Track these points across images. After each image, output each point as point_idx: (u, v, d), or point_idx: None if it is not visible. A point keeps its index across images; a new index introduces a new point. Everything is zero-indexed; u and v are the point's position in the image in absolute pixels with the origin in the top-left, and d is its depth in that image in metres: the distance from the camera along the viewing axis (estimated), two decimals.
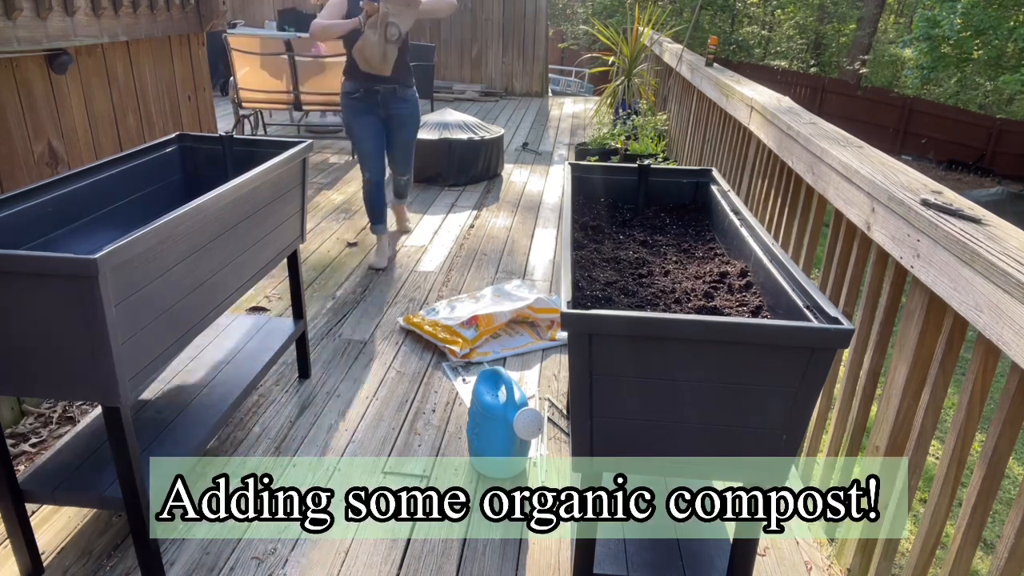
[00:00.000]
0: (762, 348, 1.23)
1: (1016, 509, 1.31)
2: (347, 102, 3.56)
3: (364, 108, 3.53)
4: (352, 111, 3.55)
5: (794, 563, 1.94)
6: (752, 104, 3.16)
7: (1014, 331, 1.23)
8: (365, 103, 3.53)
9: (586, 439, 1.36)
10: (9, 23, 2.25)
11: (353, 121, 3.56)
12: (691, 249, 1.89)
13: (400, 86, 3.58)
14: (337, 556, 1.89)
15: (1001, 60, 12.84)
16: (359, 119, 3.55)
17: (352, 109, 3.55)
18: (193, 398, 2.12)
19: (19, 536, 1.71)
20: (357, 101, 3.52)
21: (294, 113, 7.11)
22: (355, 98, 3.52)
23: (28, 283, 1.37)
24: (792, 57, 19.23)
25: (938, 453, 3.12)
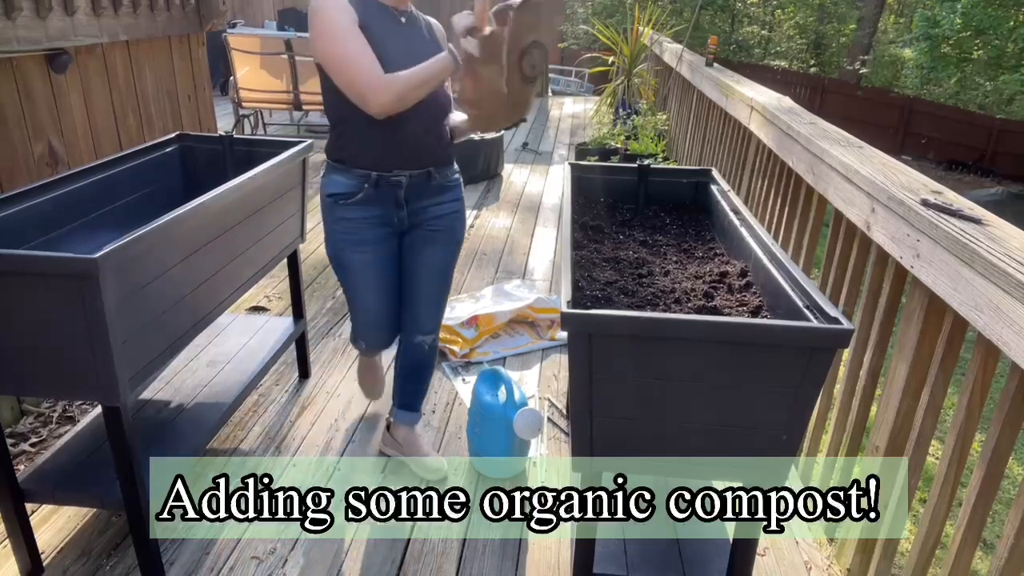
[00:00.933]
0: (762, 348, 1.23)
1: (1016, 509, 1.31)
2: (339, 216, 1.86)
3: (374, 224, 1.87)
4: (348, 236, 1.87)
5: (794, 563, 1.94)
6: (752, 104, 3.16)
7: (1014, 331, 1.23)
8: (376, 213, 1.85)
9: (586, 439, 1.36)
10: (9, 23, 2.25)
11: (351, 255, 1.89)
12: (691, 249, 1.89)
13: (445, 166, 1.93)
14: (337, 556, 1.89)
15: (1001, 60, 12.84)
16: (362, 252, 1.88)
17: (350, 231, 1.86)
18: (193, 398, 2.12)
19: (19, 536, 1.71)
20: (359, 211, 1.84)
21: (294, 113, 7.11)
22: (355, 205, 1.83)
23: (28, 283, 1.37)
24: (792, 57, 19.23)
25: (938, 453, 3.12)
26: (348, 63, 1.66)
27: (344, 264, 1.93)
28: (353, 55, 1.65)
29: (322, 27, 1.66)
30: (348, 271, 1.94)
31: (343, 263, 1.93)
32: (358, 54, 1.65)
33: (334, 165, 1.86)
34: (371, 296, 1.98)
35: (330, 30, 1.66)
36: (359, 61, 1.65)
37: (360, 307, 2.01)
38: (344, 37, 1.66)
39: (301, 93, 5.89)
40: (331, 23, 1.66)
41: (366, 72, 1.65)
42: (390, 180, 1.84)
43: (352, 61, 1.65)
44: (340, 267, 1.95)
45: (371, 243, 1.89)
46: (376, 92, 1.64)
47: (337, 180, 1.85)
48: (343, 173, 1.84)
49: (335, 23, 1.66)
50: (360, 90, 1.65)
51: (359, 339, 2.15)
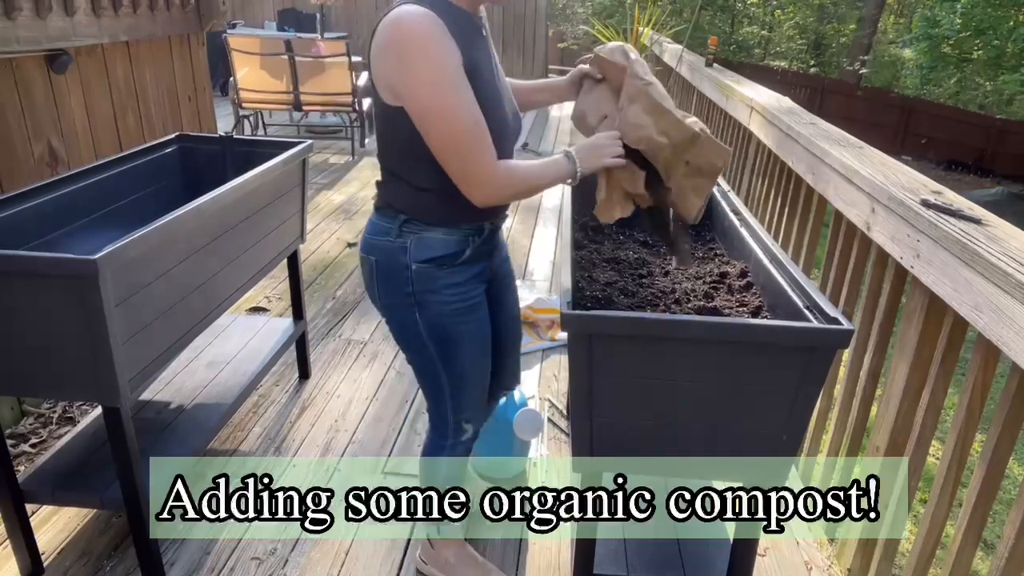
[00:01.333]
0: (762, 348, 1.23)
1: (1016, 509, 1.31)
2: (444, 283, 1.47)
3: (479, 283, 1.55)
4: (459, 303, 1.49)
5: (794, 563, 1.94)
6: (752, 104, 3.16)
7: (1014, 332, 1.23)
8: (479, 271, 1.53)
9: (586, 439, 1.36)
10: (9, 23, 2.25)
11: (461, 327, 1.52)
12: (691, 249, 1.89)
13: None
14: (337, 556, 1.89)
15: (1001, 60, 12.83)
16: (470, 320, 1.53)
17: (459, 298, 1.49)
18: (193, 398, 2.12)
19: (19, 536, 1.71)
20: (465, 272, 1.49)
21: (294, 113, 7.11)
22: (460, 266, 1.48)
23: (28, 283, 1.37)
24: (792, 57, 19.22)
25: (938, 453, 3.12)
26: (466, 140, 1.27)
27: (453, 338, 1.51)
28: (472, 130, 1.27)
29: (427, 72, 1.24)
30: (458, 345, 1.52)
31: (451, 338, 1.50)
32: (476, 126, 1.27)
33: (428, 224, 1.43)
34: (483, 367, 1.61)
35: (439, 79, 1.24)
36: (478, 140, 1.28)
37: (472, 383, 1.59)
38: (458, 98, 1.25)
39: (301, 94, 5.89)
40: (438, 68, 1.24)
41: (488, 160, 1.29)
42: (495, 227, 1.55)
43: (471, 139, 1.27)
44: (446, 343, 1.51)
45: (480, 306, 1.54)
46: (491, 186, 1.31)
47: (437, 241, 1.43)
48: (447, 232, 1.44)
49: (443, 68, 1.24)
50: (474, 179, 1.30)
51: (470, 421, 1.64)
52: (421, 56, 1.23)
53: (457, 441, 1.65)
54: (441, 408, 1.61)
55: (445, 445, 1.66)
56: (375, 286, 1.50)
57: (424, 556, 1.85)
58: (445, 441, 1.65)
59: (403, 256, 1.43)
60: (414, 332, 1.50)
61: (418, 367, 1.58)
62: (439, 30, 1.23)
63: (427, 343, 1.51)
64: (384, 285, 1.48)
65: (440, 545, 1.82)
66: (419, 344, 1.52)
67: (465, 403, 1.61)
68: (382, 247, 1.45)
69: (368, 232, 1.49)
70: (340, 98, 5.95)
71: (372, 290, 1.52)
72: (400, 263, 1.44)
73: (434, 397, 1.61)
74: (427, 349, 1.52)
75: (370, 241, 1.48)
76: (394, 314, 1.51)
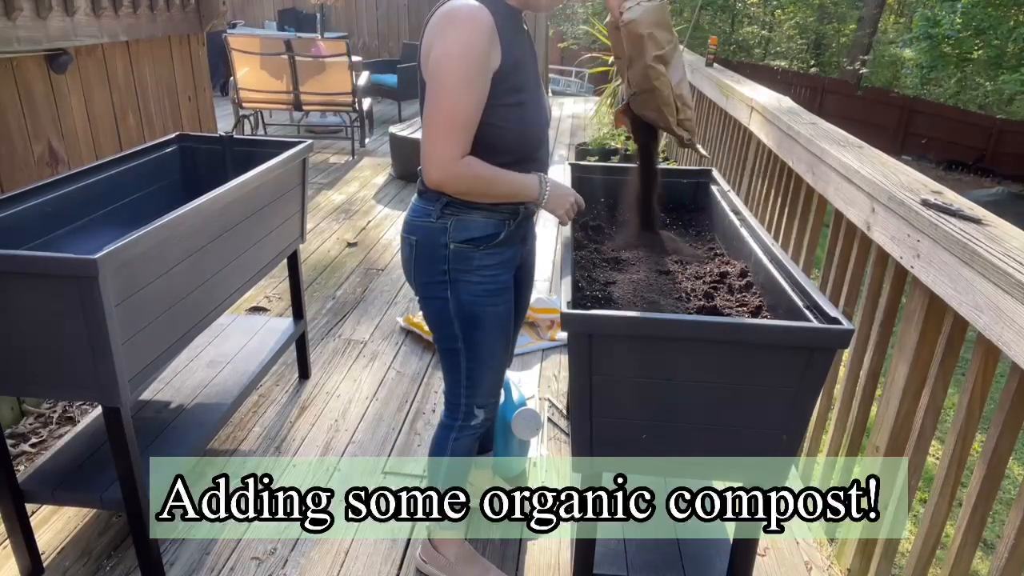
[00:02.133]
0: (762, 348, 1.23)
1: (1016, 509, 1.31)
2: (478, 264, 1.52)
3: (509, 268, 1.59)
4: (489, 286, 1.55)
5: (794, 563, 1.94)
6: (752, 104, 3.16)
7: (1014, 331, 1.23)
8: (511, 255, 1.59)
9: (586, 439, 1.36)
10: (9, 23, 2.25)
11: (488, 309, 1.56)
12: (691, 249, 1.89)
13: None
14: (337, 556, 1.89)
15: (1001, 60, 12.84)
16: (497, 304, 1.57)
17: (490, 280, 1.55)
18: (193, 398, 2.12)
19: (19, 536, 1.71)
20: (498, 255, 1.55)
21: (294, 113, 7.11)
22: (495, 248, 1.54)
23: (28, 283, 1.37)
24: (792, 57, 19.23)
25: (938, 453, 3.12)
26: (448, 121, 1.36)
27: (479, 319, 1.56)
28: (457, 117, 1.36)
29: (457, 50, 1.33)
30: (483, 327, 1.57)
31: (477, 318, 1.55)
32: (463, 118, 1.36)
33: (468, 205, 1.48)
34: (502, 353, 1.65)
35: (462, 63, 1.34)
36: (457, 128, 1.36)
37: (491, 367, 1.63)
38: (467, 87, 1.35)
39: (301, 93, 5.89)
40: (468, 55, 1.33)
41: (454, 148, 1.37)
42: (529, 212, 1.62)
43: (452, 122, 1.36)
44: (472, 324, 1.56)
45: (508, 291, 1.59)
46: (444, 170, 1.39)
47: (475, 223, 1.50)
48: (487, 213, 1.50)
49: (471, 58, 1.34)
50: (434, 157, 1.38)
51: (486, 407, 1.68)
52: (462, 37, 1.33)
53: (466, 425, 1.69)
54: (456, 389, 1.66)
55: (453, 427, 1.70)
56: (412, 265, 1.57)
57: (424, 555, 1.85)
58: (455, 423, 1.70)
59: (443, 236, 1.51)
60: (443, 309, 1.57)
61: (441, 346, 1.64)
62: (487, 27, 1.35)
63: (454, 321, 1.57)
64: (422, 264, 1.55)
65: (440, 545, 1.82)
66: (446, 321, 1.58)
67: (480, 387, 1.66)
68: (423, 227, 1.52)
69: (410, 214, 1.57)
70: (340, 98, 5.95)
71: (409, 269, 1.59)
72: (439, 243, 1.51)
73: (452, 377, 1.66)
74: (452, 327, 1.58)
75: (412, 222, 1.56)
76: (427, 291, 1.57)
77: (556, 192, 1.54)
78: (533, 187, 1.50)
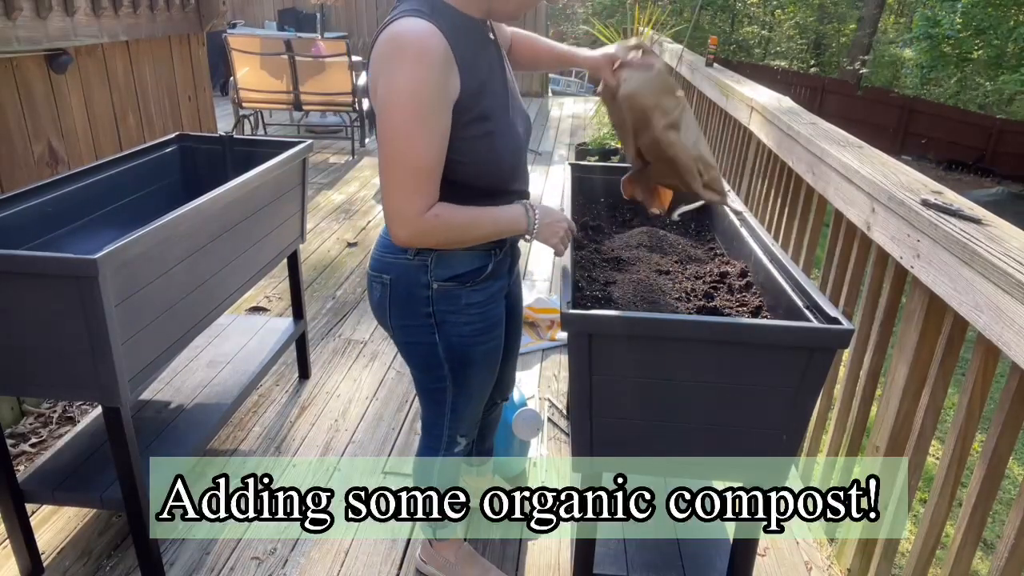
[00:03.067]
0: (762, 348, 1.23)
1: (1016, 509, 1.31)
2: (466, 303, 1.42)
3: (497, 301, 1.50)
4: (479, 323, 1.45)
5: (794, 563, 1.94)
6: (752, 104, 3.16)
7: (1014, 331, 1.23)
8: (498, 288, 1.49)
9: (586, 439, 1.36)
10: (9, 23, 2.25)
11: (478, 348, 1.47)
12: (691, 249, 1.89)
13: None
14: (337, 556, 1.89)
15: (1001, 60, 12.84)
16: (488, 340, 1.49)
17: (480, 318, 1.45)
18: (193, 398, 2.12)
19: (19, 536, 1.71)
20: (485, 290, 1.45)
21: (294, 113, 7.11)
22: (482, 284, 1.43)
23: (28, 283, 1.37)
24: (792, 57, 19.23)
25: (938, 453, 3.12)
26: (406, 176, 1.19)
27: (470, 359, 1.45)
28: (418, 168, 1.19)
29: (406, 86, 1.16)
30: (474, 366, 1.47)
31: (469, 359, 1.45)
32: (424, 166, 1.19)
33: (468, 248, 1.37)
34: (489, 385, 1.57)
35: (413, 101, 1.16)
36: (418, 181, 1.20)
37: (476, 402, 1.56)
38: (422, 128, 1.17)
39: (301, 93, 5.89)
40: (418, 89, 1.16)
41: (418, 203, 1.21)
42: (514, 240, 1.49)
43: (412, 176, 1.20)
44: (462, 364, 1.45)
45: (499, 324, 1.48)
46: (411, 228, 1.23)
47: (459, 258, 1.37)
48: (469, 248, 1.37)
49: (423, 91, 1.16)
50: (398, 216, 1.22)
51: (465, 436, 1.61)
52: (410, 71, 1.15)
53: (450, 453, 1.62)
54: (439, 422, 1.57)
55: (437, 456, 1.63)
56: (388, 306, 1.41)
57: (424, 556, 1.85)
58: (437, 453, 1.63)
59: (423, 275, 1.36)
60: (430, 353, 1.44)
61: (424, 385, 1.53)
62: (440, 56, 1.16)
63: (443, 364, 1.45)
64: (400, 306, 1.40)
65: (440, 545, 1.82)
66: (434, 365, 1.45)
67: (464, 419, 1.58)
68: (398, 265, 1.37)
69: (380, 249, 1.41)
70: (340, 98, 5.95)
71: (383, 311, 1.43)
72: (420, 282, 1.37)
73: (433, 411, 1.57)
74: (441, 370, 1.46)
75: (383, 259, 1.39)
76: (408, 335, 1.43)
77: (546, 220, 1.37)
78: (519, 219, 1.34)
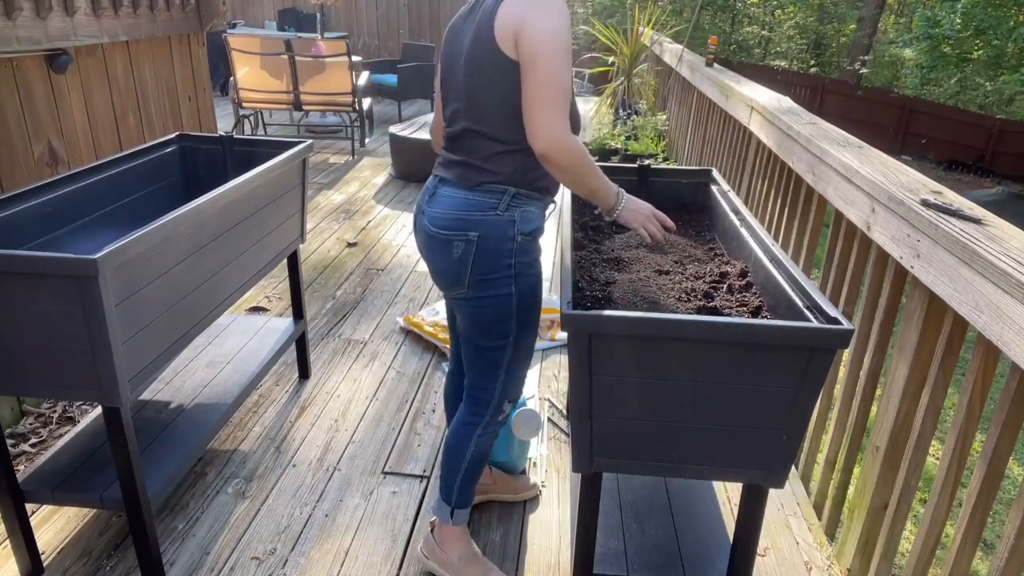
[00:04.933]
0: (762, 348, 1.23)
1: (1016, 509, 1.31)
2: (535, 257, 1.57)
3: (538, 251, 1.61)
4: (539, 273, 1.58)
5: (794, 563, 1.94)
6: (752, 104, 3.16)
7: (1014, 331, 1.23)
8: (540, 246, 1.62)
9: (586, 439, 1.36)
10: (9, 23, 2.25)
11: (540, 296, 1.60)
12: (691, 249, 1.89)
13: None
14: (337, 556, 1.89)
15: (1001, 60, 12.82)
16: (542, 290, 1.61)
17: (539, 269, 1.59)
18: (193, 398, 2.12)
19: (19, 536, 1.71)
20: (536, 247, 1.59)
21: (294, 113, 7.11)
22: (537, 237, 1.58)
23: (28, 283, 1.37)
24: (792, 57, 19.23)
25: (938, 453, 3.12)
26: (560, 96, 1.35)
27: (534, 311, 1.58)
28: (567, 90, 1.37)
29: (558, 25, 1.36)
30: (534, 316, 1.59)
31: (534, 310, 1.58)
32: (568, 92, 1.38)
33: (530, 195, 1.51)
34: (533, 348, 1.68)
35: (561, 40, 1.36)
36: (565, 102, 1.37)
37: (528, 359, 1.66)
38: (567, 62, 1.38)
39: (301, 93, 5.89)
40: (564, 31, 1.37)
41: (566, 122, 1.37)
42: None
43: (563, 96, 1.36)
44: (528, 316, 1.57)
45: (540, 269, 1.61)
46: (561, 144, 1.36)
47: (534, 214, 1.53)
48: (539, 205, 1.56)
49: (565, 35, 1.38)
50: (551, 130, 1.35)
51: (512, 401, 1.69)
52: (558, 14, 1.36)
53: (493, 420, 1.68)
54: (491, 386, 1.63)
55: (479, 423, 1.67)
56: (471, 262, 1.49)
57: (426, 550, 1.83)
58: (481, 419, 1.67)
59: (511, 229, 1.48)
60: (505, 305, 1.53)
61: (485, 347, 1.59)
62: (567, 8, 1.39)
63: (514, 316, 1.54)
64: (485, 260, 1.49)
65: (444, 542, 1.79)
66: (506, 317, 1.54)
67: (515, 382, 1.66)
68: (487, 221, 1.47)
69: (464, 208, 1.49)
70: (340, 98, 5.95)
71: (463, 267, 1.50)
72: (507, 236, 1.48)
73: (486, 376, 1.62)
74: (510, 323, 1.55)
75: (469, 217, 1.48)
76: (487, 289, 1.51)
77: (631, 205, 1.53)
78: (612, 194, 1.50)
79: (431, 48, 8.16)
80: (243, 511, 2.03)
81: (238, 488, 2.12)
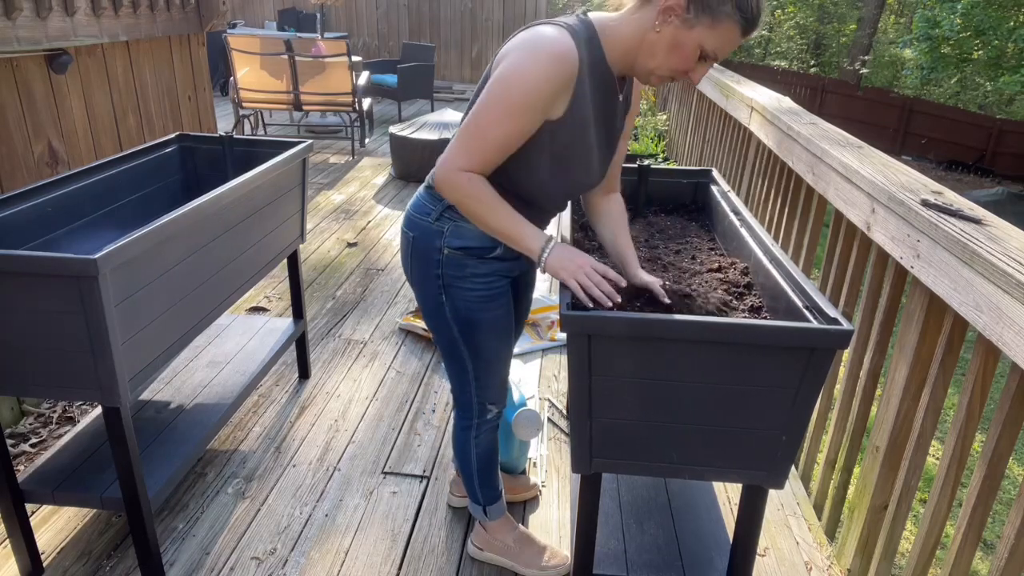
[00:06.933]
0: (762, 349, 1.23)
1: (1016, 509, 1.31)
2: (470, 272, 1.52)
3: (503, 276, 1.57)
4: (481, 292, 1.54)
5: (794, 563, 1.94)
6: (752, 104, 3.16)
7: (1014, 331, 1.23)
8: (508, 265, 1.56)
9: (586, 440, 1.36)
10: (9, 23, 2.26)
11: (481, 315, 1.56)
12: (691, 249, 1.89)
13: None
14: (337, 556, 1.89)
15: (1001, 60, 12.82)
16: (494, 309, 1.57)
17: (483, 287, 1.54)
18: (193, 398, 2.12)
19: (19, 536, 1.71)
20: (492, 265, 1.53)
21: (294, 113, 7.11)
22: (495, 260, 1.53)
23: (28, 283, 1.37)
24: (792, 57, 19.22)
25: (938, 453, 3.12)
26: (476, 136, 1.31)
27: (477, 324, 1.55)
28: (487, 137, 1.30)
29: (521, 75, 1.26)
30: (482, 331, 1.56)
31: (475, 323, 1.55)
32: (492, 141, 1.30)
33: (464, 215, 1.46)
34: (507, 353, 1.67)
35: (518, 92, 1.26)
36: (480, 146, 1.31)
37: (497, 367, 1.64)
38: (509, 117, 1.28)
39: (301, 93, 5.89)
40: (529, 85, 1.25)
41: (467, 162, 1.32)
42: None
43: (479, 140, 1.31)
44: (470, 329, 1.55)
45: (503, 295, 1.57)
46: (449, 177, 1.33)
47: (472, 231, 1.46)
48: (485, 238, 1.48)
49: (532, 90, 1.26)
50: (449, 160, 1.33)
51: (494, 403, 1.69)
52: (532, 70, 1.25)
53: (483, 421, 1.69)
54: (466, 389, 1.65)
55: (471, 426, 1.69)
56: (409, 260, 1.55)
57: (479, 543, 1.84)
58: (471, 422, 1.69)
59: (438, 240, 1.48)
60: (439, 313, 1.55)
61: (444, 348, 1.61)
62: (566, 75, 1.25)
63: (451, 325, 1.55)
64: (417, 262, 1.53)
65: (495, 530, 1.82)
66: (444, 325, 1.56)
67: (489, 387, 1.65)
68: (421, 226, 1.50)
69: (412, 207, 1.54)
70: (340, 98, 5.95)
71: (406, 263, 1.57)
72: (434, 246, 1.49)
73: (459, 378, 1.64)
74: (451, 331, 1.56)
75: (411, 217, 1.53)
76: (423, 289, 1.56)
77: (562, 254, 1.36)
78: (534, 243, 1.36)
79: (431, 48, 8.16)
80: (243, 511, 2.03)
81: (238, 488, 2.12)
